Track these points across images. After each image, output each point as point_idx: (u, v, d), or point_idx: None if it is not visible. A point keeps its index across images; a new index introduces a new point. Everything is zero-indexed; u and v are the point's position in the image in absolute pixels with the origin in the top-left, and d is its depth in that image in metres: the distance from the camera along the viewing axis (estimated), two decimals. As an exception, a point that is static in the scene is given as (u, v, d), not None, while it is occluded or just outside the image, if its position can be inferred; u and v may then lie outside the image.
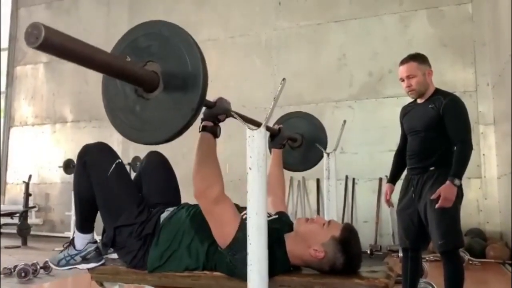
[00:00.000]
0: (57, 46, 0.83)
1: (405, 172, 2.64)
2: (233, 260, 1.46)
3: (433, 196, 2.31)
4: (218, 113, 1.50)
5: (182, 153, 4.58)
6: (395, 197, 2.65)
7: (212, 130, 1.51)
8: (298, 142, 2.35)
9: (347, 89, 5.80)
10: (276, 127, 2.17)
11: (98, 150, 1.74)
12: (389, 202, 2.72)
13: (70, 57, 0.88)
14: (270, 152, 2.15)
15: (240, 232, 1.44)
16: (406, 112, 2.66)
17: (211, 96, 1.43)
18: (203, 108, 1.46)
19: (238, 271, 1.43)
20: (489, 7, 5.11)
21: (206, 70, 1.09)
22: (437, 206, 2.29)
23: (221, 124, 1.54)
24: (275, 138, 2.14)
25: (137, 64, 1.13)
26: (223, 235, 1.48)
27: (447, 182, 2.29)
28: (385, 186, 2.74)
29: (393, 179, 2.73)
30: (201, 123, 1.51)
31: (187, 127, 1.10)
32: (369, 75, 5.71)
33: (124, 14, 7.17)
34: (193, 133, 1.46)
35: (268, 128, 1.93)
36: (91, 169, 1.69)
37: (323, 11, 6.03)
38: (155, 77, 1.10)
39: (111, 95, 1.19)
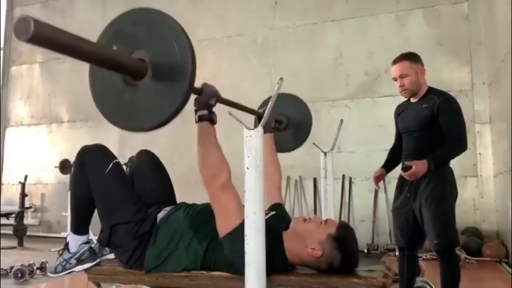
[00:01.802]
0: (47, 38, 0.82)
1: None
2: (231, 254, 1.46)
3: (407, 163, 2.36)
4: (208, 98, 1.48)
5: (179, 152, 4.57)
6: (390, 195, 2.64)
7: (208, 118, 1.50)
8: (284, 125, 2.31)
9: (344, 89, 5.79)
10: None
11: (96, 150, 1.77)
12: (376, 181, 2.65)
13: (59, 48, 0.88)
14: None
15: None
16: (400, 111, 2.65)
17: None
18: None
19: (236, 266, 1.43)
20: (484, 6, 5.12)
21: (195, 56, 1.07)
22: (404, 173, 2.36)
23: (218, 124, 1.54)
24: None
25: (123, 52, 1.11)
26: (226, 224, 1.48)
27: (425, 160, 2.32)
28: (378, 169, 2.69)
29: (386, 166, 2.69)
30: (196, 114, 1.50)
31: (177, 113, 1.09)
32: (365, 75, 5.71)
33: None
34: (190, 133, 1.45)
35: (255, 113, 1.92)
36: (88, 169, 1.70)
37: (319, 10, 6.03)
38: (142, 65, 1.09)
39: (98, 86, 1.18)
